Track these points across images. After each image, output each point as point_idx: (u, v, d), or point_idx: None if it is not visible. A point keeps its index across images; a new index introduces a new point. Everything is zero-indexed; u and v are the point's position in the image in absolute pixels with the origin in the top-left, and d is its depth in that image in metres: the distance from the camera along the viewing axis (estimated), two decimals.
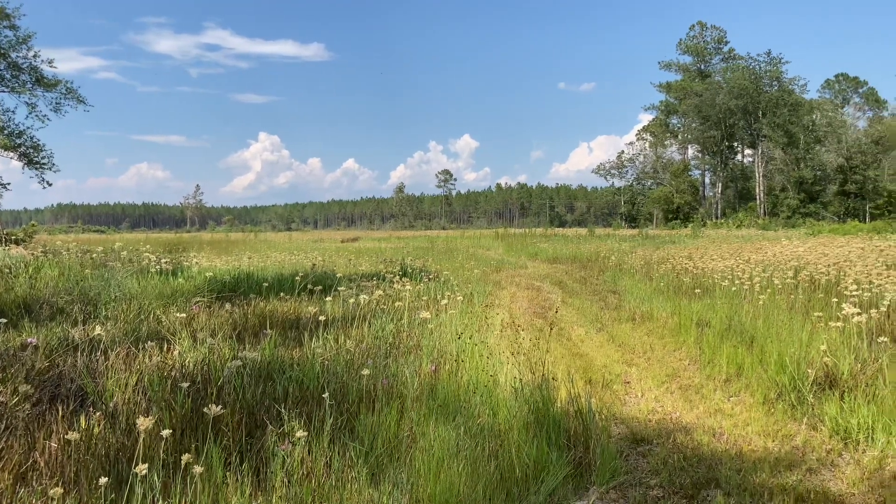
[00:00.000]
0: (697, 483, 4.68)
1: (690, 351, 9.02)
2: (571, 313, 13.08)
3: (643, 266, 19.29)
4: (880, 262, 12.30)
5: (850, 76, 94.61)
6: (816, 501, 4.36)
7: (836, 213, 75.77)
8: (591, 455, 4.90)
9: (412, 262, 17.82)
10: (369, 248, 34.17)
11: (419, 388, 5.73)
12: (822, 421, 5.81)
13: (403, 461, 4.44)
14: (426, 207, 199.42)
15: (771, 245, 20.33)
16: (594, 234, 49.88)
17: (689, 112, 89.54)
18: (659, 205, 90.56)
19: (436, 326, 8.05)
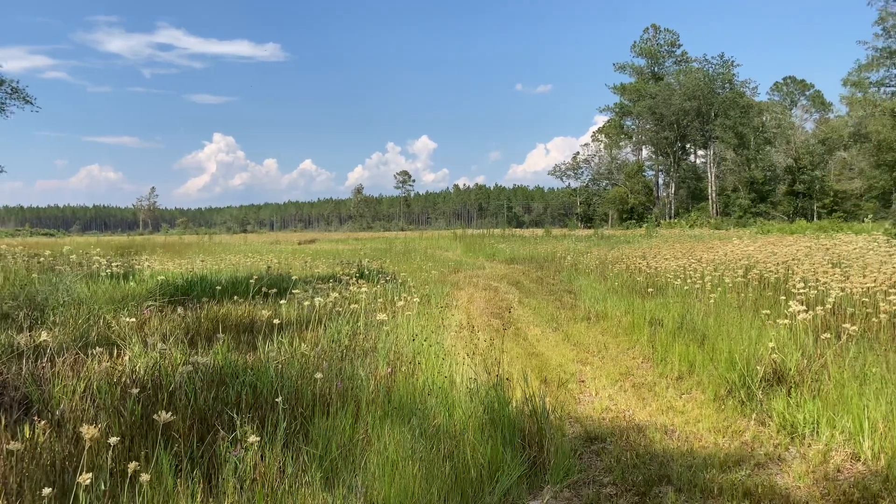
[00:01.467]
0: (649, 480, 4.76)
1: (644, 349, 9.16)
2: (528, 313, 13.17)
3: (598, 266, 19.51)
4: (826, 260, 12.64)
5: (797, 79, 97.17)
6: (763, 496, 4.46)
7: (786, 213, 77.66)
8: (546, 454, 4.94)
9: (369, 264, 17.76)
10: (326, 250, 33.93)
11: (374, 390, 5.71)
12: (770, 416, 5.95)
13: (358, 464, 4.42)
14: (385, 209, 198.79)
15: (722, 244, 20.73)
16: (551, 235, 50.27)
17: (643, 114, 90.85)
18: (614, 205, 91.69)
19: (392, 328, 8.03)
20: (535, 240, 41.58)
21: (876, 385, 5.70)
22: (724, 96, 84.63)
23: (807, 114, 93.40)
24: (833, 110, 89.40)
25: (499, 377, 5.69)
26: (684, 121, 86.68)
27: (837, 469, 4.86)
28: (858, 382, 5.83)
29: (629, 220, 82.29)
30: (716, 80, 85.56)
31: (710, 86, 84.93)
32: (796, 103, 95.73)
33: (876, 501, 4.29)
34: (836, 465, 4.92)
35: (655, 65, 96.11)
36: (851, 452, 5.08)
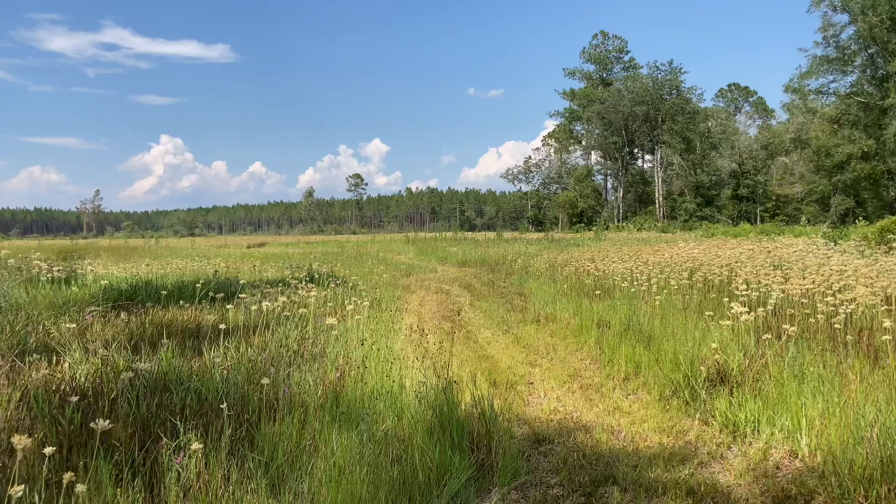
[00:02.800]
0: (596, 480, 4.82)
1: (591, 351, 9.27)
2: (479, 316, 13.22)
3: (548, 269, 19.70)
4: (768, 262, 12.98)
5: (741, 86, 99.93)
6: (706, 494, 4.56)
7: (730, 216, 79.52)
8: (494, 456, 4.96)
9: (320, 268, 17.60)
10: (276, 254, 33.54)
11: (323, 395, 5.66)
12: (714, 416, 6.08)
13: (305, 471, 4.38)
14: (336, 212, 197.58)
15: (668, 247, 21.13)
16: (502, 238, 50.59)
17: (592, 119, 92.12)
18: (564, 209, 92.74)
19: (341, 333, 7.98)
20: (487, 243, 41.80)
21: (813, 384, 5.87)
22: (672, 102, 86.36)
23: (750, 120, 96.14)
24: (775, 116, 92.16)
25: (448, 380, 5.70)
26: (632, 126, 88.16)
27: (776, 466, 4.99)
28: (797, 381, 5.99)
29: (579, 224, 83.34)
30: (663, 86, 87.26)
31: (658, 92, 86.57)
32: (740, 109, 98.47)
33: (812, 496, 4.42)
34: (776, 462, 5.05)
35: (604, 70, 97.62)
36: (790, 449, 5.22)
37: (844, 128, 59.33)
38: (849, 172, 58.21)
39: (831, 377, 5.95)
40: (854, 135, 57.40)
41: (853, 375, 5.99)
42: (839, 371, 6.15)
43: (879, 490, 4.15)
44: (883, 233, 16.45)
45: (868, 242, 15.99)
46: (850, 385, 5.78)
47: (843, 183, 60.38)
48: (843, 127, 59.55)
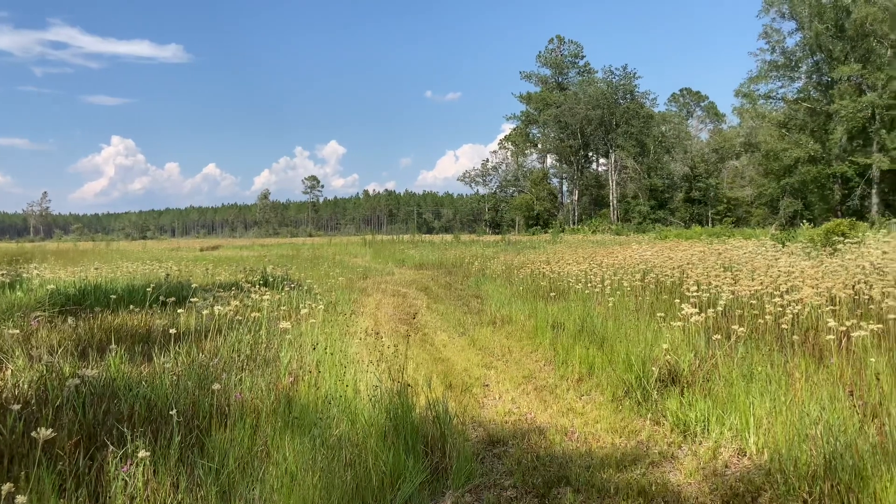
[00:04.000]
0: (549, 482, 4.84)
1: (546, 352, 9.33)
2: (435, 318, 13.22)
3: (504, 271, 19.79)
4: (718, 264, 13.23)
5: (693, 91, 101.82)
6: (657, 493, 4.62)
7: (683, 219, 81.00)
8: (448, 459, 4.96)
9: (274, 271, 17.41)
10: (230, 257, 33.09)
11: (275, 400, 5.60)
12: (665, 416, 6.17)
13: (256, 477, 4.32)
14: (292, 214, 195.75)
15: (622, 249, 21.41)
16: (460, 241, 50.71)
17: (548, 122, 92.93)
18: (520, 211, 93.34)
19: (295, 337, 7.90)
20: (444, 245, 41.85)
21: (761, 383, 5.99)
22: (626, 107, 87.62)
23: (702, 124, 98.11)
24: (726, 121, 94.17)
25: (402, 384, 5.68)
26: (587, 130, 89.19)
27: (725, 465, 5.08)
28: (746, 381, 6.11)
29: (535, 226, 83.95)
30: (618, 90, 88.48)
31: (613, 96, 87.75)
32: (692, 114, 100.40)
33: (759, 494, 4.51)
34: (725, 460, 5.14)
35: (560, 75, 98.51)
36: (738, 448, 5.32)
37: (792, 132, 60.93)
38: (796, 176, 59.75)
39: (778, 376, 6.08)
40: (801, 139, 58.97)
41: (799, 374, 6.13)
42: (786, 370, 6.30)
43: (823, 486, 4.25)
44: (828, 235, 16.88)
45: (814, 244, 16.40)
46: (795, 384, 5.92)
47: (791, 186, 61.95)
48: (791, 131, 61.14)
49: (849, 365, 6.26)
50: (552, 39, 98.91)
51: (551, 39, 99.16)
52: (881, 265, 10.21)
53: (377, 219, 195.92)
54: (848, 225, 18.26)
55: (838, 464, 4.31)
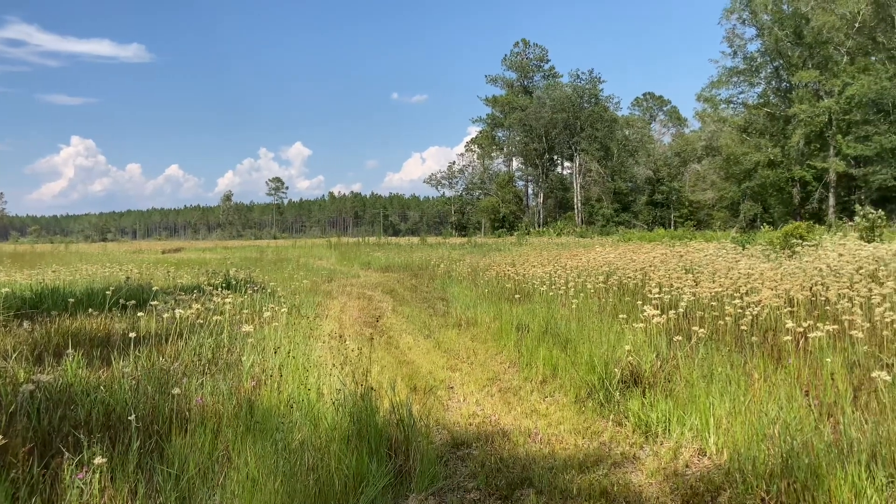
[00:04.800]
0: (512, 483, 4.86)
1: (511, 354, 9.36)
2: (401, 321, 13.19)
3: (470, 273, 19.83)
4: (680, 266, 13.41)
5: (655, 95, 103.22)
6: (619, 494, 4.66)
7: (646, 221, 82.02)
8: (412, 462, 4.94)
9: (237, 274, 17.21)
10: (192, 259, 32.67)
11: (237, 405, 5.54)
12: (627, 417, 6.23)
13: (217, 483, 4.26)
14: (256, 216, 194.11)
15: (586, 252, 21.58)
16: (426, 243, 50.72)
17: (514, 125, 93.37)
18: (486, 214, 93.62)
19: (258, 340, 7.82)
20: (410, 248, 41.81)
21: (721, 384, 6.08)
22: (590, 110, 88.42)
23: (664, 128, 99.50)
24: (688, 125, 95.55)
25: (366, 387, 5.65)
26: (552, 133, 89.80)
27: (686, 465, 5.15)
28: (706, 382, 6.20)
29: (501, 229, 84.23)
30: (583, 94, 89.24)
31: (578, 100, 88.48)
32: (655, 118, 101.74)
33: (718, 493, 4.57)
34: (685, 460, 5.21)
35: (525, 78, 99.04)
36: (699, 448, 5.39)
37: (752, 136, 62.09)
38: (756, 179, 60.88)
39: (738, 377, 6.18)
40: (761, 143, 60.12)
41: (757, 375, 6.24)
42: (745, 371, 6.40)
43: (780, 485, 4.33)
44: (787, 237, 17.21)
45: (773, 247, 16.70)
46: (754, 384, 6.02)
47: (752, 189, 63.10)
48: (751, 136, 62.31)
49: (806, 365, 6.38)
50: (517, 43, 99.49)
51: (517, 43, 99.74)
52: (837, 267, 10.44)
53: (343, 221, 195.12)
54: (806, 228, 18.65)
55: (795, 462, 4.39)
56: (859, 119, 52.89)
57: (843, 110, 53.54)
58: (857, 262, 10.81)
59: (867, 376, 5.85)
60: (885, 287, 8.14)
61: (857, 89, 51.66)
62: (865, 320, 7.07)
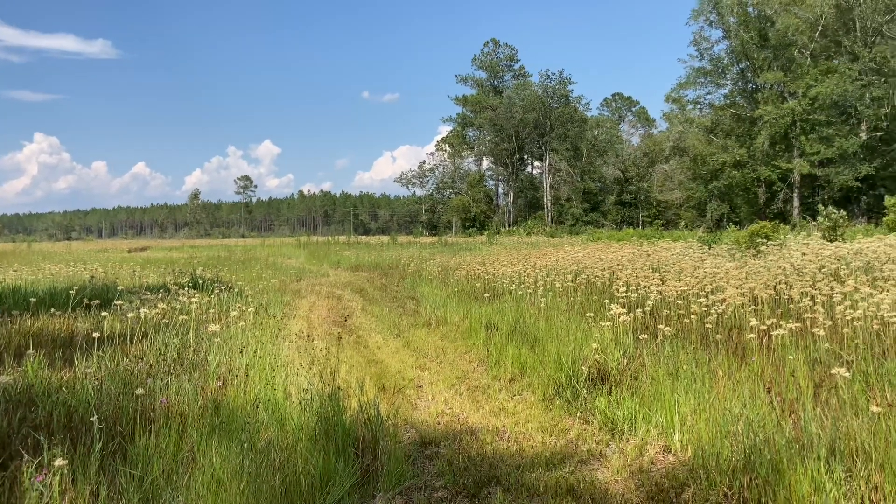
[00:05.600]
0: (479, 482, 4.87)
1: (480, 353, 9.39)
2: (370, 320, 13.15)
3: (440, 272, 19.83)
4: (647, 265, 13.55)
5: (624, 96, 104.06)
6: (585, 491, 4.69)
7: (615, 221, 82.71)
8: (379, 462, 4.93)
9: (204, 273, 17.02)
10: (159, 259, 32.26)
11: (203, 405, 5.48)
12: (594, 414, 6.28)
13: (181, 484, 4.21)
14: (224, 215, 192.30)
15: (555, 251, 21.70)
16: (396, 242, 50.63)
17: (484, 125, 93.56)
18: (457, 213, 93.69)
19: (225, 340, 7.74)
20: (380, 247, 41.71)
21: (686, 381, 6.16)
22: (560, 111, 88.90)
23: (633, 129, 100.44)
24: (656, 126, 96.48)
25: (334, 387, 5.63)
26: (523, 133, 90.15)
27: (651, 461, 5.20)
28: (671, 379, 6.27)
29: (471, 228, 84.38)
30: (552, 94, 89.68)
31: (548, 100, 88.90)
32: (624, 119, 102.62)
33: (683, 489, 4.62)
34: (651, 457, 5.26)
35: (495, 78, 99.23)
36: (664, 445, 5.46)
37: (719, 137, 62.90)
38: (723, 180, 61.67)
39: (702, 374, 6.26)
40: (728, 144, 60.93)
41: (722, 372, 6.33)
42: (710, 368, 6.49)
43: (742, 480, 4.39)
44: (752, 237, 17.47)
45: (739, 246, 16.95)
46: (719, 382, 6.10)
47: (718, 189, 63.88)
48: (718, 136, 63.12)
49: (769, 362, 6.48)
50: (487, 43, 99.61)
51: (487, 43, 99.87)
52: (801, 266, 10.62)
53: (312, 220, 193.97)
54: (771, 228, 18.95)
55: (757, 458, 4.46)
56: (822, 120, 53.84)
57: (806, 112, 54.45)
58: (819, 262, 11.01)
59: (828, 373, 5.96)
60: (846, 286, 8.30)
61: (820, 91, 52.58)
62: (827, 318, 7.20)
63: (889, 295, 7.20)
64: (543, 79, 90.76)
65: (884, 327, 6.75)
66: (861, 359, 6.30)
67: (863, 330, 6.78)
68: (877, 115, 52.46)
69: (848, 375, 5.30)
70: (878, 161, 52.35)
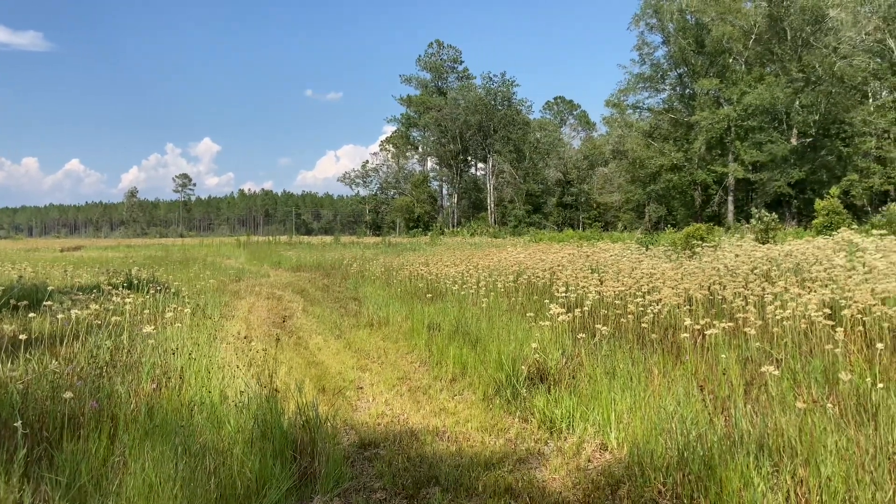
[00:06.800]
0: (419, 482, 4.87)
1: (422, 353, 9.39)
2: (311, 321, 13.01)
3: (383, 273, 19.76)
4: (587, 266, 13.74)
5: (566, 99, 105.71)
6: (523, 490, 4.73)
7: (556, 222, 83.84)
8: (317, 464, 4.88)
9: (139, 273, 16.58)
10: (93, 258, 31.32)
11: (136, 408, 5.33)
12: (533, 413, 6.34)
13: (111, 490, 4.09)
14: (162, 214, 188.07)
15: (498, 251, 21.85)
16: (339, 242, 50.28)
17: (428, 126, 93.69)
18: (401, 213, 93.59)
19: (160, 342, 7.55)
20: (323, 247, 41.35)
21: (623, 380, 6.27)
22: (503, 113, 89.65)
23: (574, 132, 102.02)
24: (596, 129, 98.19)
25: (273, 389, 5.55)
26: (466, 134, 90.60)
27: (588, 459, 5.28)
28: (609, 378, 6.37)
29: (415, 229, 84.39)
30: (496, 97, 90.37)
31: (491, 102, 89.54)
32: (565, 122, 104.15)
33: (618, 486, 4.70)
34: (588, 455, 5.34)
35: (439, 79, 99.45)
36: (601, 443, 5.54)
37: (657, 141, 64.33)
38: (661, 183, 63.08)
39: (638, 373, 6.38)
40: (665, 148, 62.34)
41: (657, 371, 6.46)
42: (646, 367, 6.62)
43: (676, 476, 4.49)
44: (688, 239, 17.88)
45: (675, 248, 17.33)
46: (654, 380, 6.24)
47: (656, 192, 65.34)
48: (656, 140, 64.55)
49: (703, 361, 6.65)
50: (432, 44, 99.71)
51: (431, 44, 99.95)
52: (734, 267, 10.92)
53: (253, 219, 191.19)
54: (706, 229, 19.43)
55: (690, 455, 4.56)
56: (755, 126, 55.56)
57: (740, 117, 56.11)
58: (752, 263, 11.34)
59: (758, 371, 6.14)
60: (776, 286, 8.57)
61: (753, 98, 54.25)
62: (758, 318, 7.42)
63: (816, 295, 7.45)
64: (486, 81, 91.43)
65: (811, 326, 6.99)
66: (790, 357, 6.51)
67: (791, 329, 7.00)
68: (806, 122, 54.38)
69: (777, 373, 5.47)
70: (808, 166, 54.25)
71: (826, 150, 53.84)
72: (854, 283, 7.89)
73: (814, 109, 53.86)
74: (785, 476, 4.13)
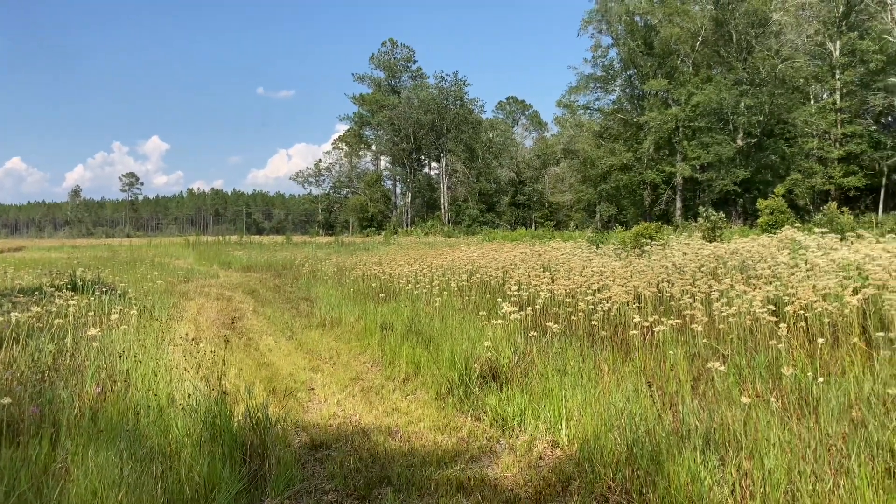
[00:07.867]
0: (371, 483, 4.85)
1: (375, 353, 9.35)
2: (262, 322, 12.86)
3: (336, 273, 19.62)
4: (538, 265, 13.84)
5: (518, 99, 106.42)
6: (475, 488, 4.75)
7: (509, 222, 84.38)
8: (268, 467, 4.83)
9: (84, 274, 16.16)
10: (35, 259, 30.42)
11: (79, 413, 5.19)
12: (485, 411, 6.37)
13: (52, 497, 3.97)
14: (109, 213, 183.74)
15: (451, 251, 21.85)
16: (291, 242, 49.74)
17: (381, 124, 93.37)
18: (354, 213, 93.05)
19: (105, 345, 7.36)
20: (274, 247, 40.87)
21: (574, 377, 6.34)
22: (456, 112, 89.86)
23: (526, 132, 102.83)
24: (548, 129, 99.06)
25: (220, 391, 5.46)
26: (420, 134, 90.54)
27: (540, 456, 5.32)
28: (560, 375, 6.44)
29: (369, 228, 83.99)
30: (449, 96, 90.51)
31: (444, 102, 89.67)
32: (517, 122, 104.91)
33: (569, 482, 4.75)
34: (539, 452, 5.38)
35: (393, 78, 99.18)
36: (552, 440, 5.59)
37: (608, 141, 65.24)
38: (611, 182, 63.97)
39: (589, 370, 6.46)
40: (616, 148, 63.24)
41: (608, 368, 6.55)
42: (596, 364, 6.70)
43: (625, 472, 4.56)
44: (637, 237, 18.13)
45: (625, 246, 17.56)
46: (604, 377, 6.32)
47: (607, 192, 66.21)
48: (607, 140, 65.46)
49: (651, 357, 6.76)
50: (385, 42, 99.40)
51: (384, 42, 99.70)
52: (682, 265, 11.12)
53: (203, 219, 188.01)
54: (655, 228, 19.72)
55: (639, 450, 4.64)
56: (703, 127, 56.74)
57: (688, 118, 57.25)
58: (699, 261, 11.55)
59: (705, 367, 6.26)
60: (722, 283, 8.75)
61: (700, 99, 55.38)
62: (705, 314, 7.57)
63: (761, 292, 7.63)
64: (439, 80, 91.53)
65: (756, 323, 7.16)
66: (735, 353, 6.66)
67: (737, 325, 7.16)
68: (751, 122, 55.69)
69: (723, 369, 5.59)
70: (753, 166, 55.58)
71: (770, 150, 55.23)
72: (797, 279, 8.10)
73: (758, 110, 55.19)
74: (730, 469, 4.22)
